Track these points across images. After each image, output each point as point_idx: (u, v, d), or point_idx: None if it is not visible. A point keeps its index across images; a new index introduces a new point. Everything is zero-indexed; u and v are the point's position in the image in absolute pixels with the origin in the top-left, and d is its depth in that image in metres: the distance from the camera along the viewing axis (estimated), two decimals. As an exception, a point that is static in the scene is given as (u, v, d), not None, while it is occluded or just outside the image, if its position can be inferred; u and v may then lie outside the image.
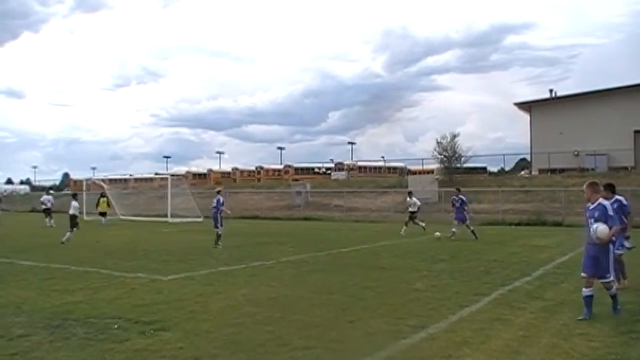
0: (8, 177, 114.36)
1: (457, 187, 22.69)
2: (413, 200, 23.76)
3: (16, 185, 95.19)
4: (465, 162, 45.87)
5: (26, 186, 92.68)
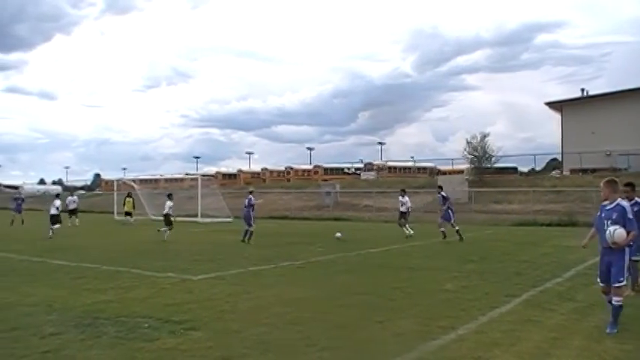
0: (41, 177, 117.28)
1: (438, 186, 22.20)
2: (404, 199, 22.18)
3: (49, 185, 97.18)
4: (496, 162, 45.56)
5: (58, 186, 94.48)
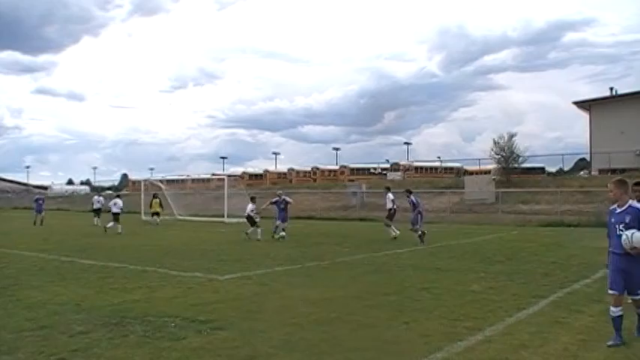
0: (69, 178, 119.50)
1: (407, 189, 21.68)
2: (389, 197, 21.01)
3: (77, 186, 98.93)
4: (523, 162, 44.91)
5: (86, 186, 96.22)
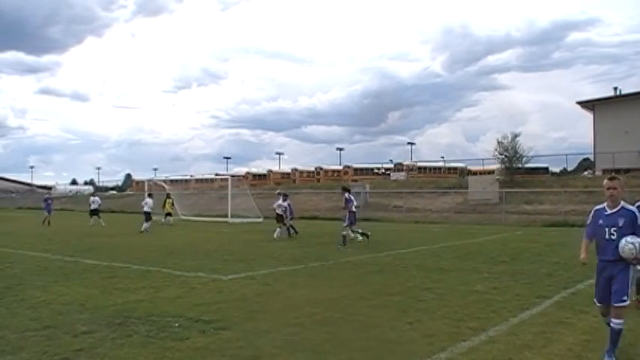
0: (73, 178, 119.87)
1: (342, 187, 21.36)
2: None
3: (81, 186, 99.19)
4: (527, 162, 45.10)
5: (90, 187, 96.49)
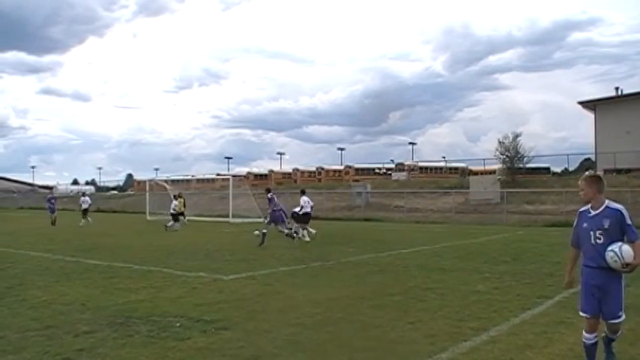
0: (74, 178, 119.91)
1: (266, 188, 21.75)
2: (304, 199, 20.10)
3: (82, 186, 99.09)
4: (528, 162, 45.12)
5: (91, 187, 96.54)
